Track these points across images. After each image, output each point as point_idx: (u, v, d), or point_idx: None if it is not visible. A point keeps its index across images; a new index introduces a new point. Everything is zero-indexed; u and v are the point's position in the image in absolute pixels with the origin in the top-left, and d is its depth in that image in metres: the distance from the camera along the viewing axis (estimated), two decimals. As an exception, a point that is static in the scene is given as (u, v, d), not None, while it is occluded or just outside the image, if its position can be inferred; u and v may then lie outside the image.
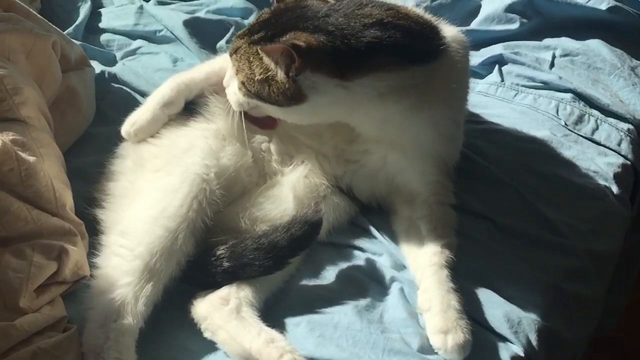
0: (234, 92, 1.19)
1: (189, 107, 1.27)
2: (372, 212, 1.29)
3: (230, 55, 1.19)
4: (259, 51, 1.11)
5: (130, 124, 1.25)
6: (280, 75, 1.10)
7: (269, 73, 1.11)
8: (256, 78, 1.13)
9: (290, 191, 1.22)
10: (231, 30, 1.81)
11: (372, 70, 1.11)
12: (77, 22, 1.80)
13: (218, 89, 1.26)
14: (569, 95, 1.61)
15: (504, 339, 1.09)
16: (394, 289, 1.15)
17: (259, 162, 1.26)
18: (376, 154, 1.25)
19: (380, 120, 1.18)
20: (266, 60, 1.11)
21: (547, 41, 1.79)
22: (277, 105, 1.14)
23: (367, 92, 1.12)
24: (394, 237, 1.25)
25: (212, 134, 1.22)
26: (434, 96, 1.17)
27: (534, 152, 1.47)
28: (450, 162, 1.26)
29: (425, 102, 1.16)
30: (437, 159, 1.24)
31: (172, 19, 1.84)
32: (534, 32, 1.82)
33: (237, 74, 1.17)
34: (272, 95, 1.13)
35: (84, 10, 1.86)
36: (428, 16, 1.25)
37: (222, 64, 1.28)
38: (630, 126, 1.57)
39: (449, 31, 1.24)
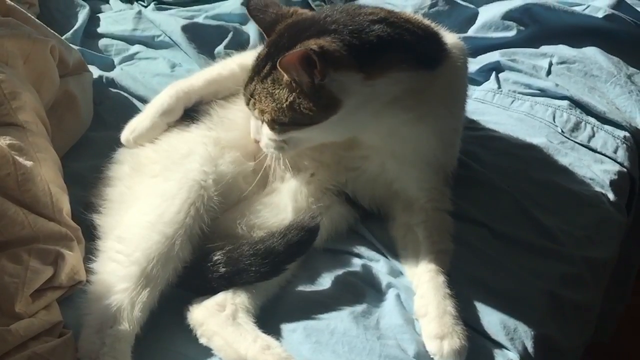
0: (268, 140, 1.13)
1: (189, 114, 1.27)
2: (370, 218, 1.29)
3: (247, 105, 1.14)
4: (278, 67, 1.05)
5: (129, 131, 1.26)
6: (306, 86, 1.06)
7: (294, 93, 1.07)
8: (284, 105, 1.08)
9: (289, 201, 1.21)
10: (229, 36, 1.82)
11: (387, 68, 1.09)
12: (75, 27, 1.81)
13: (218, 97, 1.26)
14: (565, 103, 1.62)
15: (500, 346, 1.09)
16: (391, 295, 1.15)
17: (260, 171, 1.25)
18: (375, 160, 1.25)
19: (385, 131, 1.18)
20: (287, 78, 1.07)
21: (544, 48, 1.80)
22: (315, 121, 1.09)
23: (385, 94, 1.10)
24: (391, 244, 1.25)
25: (212, 141, 1.22)
26: (438, 104, 1.17)
27: (530, 159, 1.47)
28: (448, 169, 1.27)
29: (431, 110, 1.16)
30: (435, 166, 1.24)
31: (171, 24, 1.84)
32: (531, 39, 1.83)
33: (262, 117, 1.12)
34: (305, 112, 1.07)
35: (83, 15, 1.87)
36: (428, 22, 1.25)
37: (220, 71, 1.29)
38: (627, 133, 1.58)
39: (449, 38, 1.24)
